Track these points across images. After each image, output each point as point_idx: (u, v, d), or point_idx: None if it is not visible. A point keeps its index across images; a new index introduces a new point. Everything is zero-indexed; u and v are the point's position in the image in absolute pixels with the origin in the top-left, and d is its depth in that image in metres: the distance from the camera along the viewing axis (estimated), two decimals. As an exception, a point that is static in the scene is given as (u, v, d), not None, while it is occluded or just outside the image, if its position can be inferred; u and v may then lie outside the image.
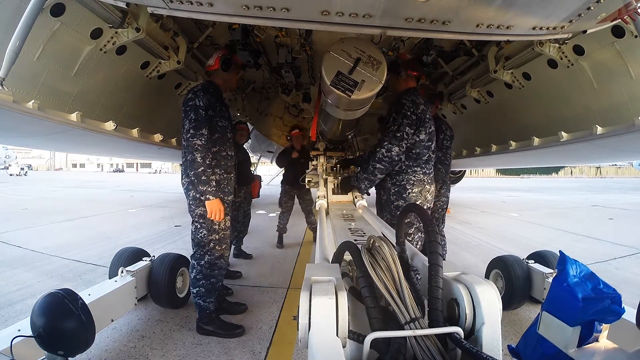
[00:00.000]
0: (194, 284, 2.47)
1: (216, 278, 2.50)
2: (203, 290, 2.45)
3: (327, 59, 1.91)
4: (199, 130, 2.24)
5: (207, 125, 2.29)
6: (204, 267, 2.44)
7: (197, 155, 2.22)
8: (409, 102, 2.35)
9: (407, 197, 2.39)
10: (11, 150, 31.56)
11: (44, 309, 1.58)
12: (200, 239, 2.42)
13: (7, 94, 1.81)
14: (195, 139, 2.22)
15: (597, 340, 0.91)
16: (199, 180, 2.25)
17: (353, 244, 0.91)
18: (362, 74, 1.90)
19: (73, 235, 5.71)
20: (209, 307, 2.47)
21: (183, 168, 2.45)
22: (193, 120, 2.25)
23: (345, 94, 1.89)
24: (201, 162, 2.23)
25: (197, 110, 2.26)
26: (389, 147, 2.29)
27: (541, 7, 1.48)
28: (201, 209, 2.36)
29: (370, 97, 1.99)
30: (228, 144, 2.52)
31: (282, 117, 6.34)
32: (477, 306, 0.75)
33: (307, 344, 0.68)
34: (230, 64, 2.51)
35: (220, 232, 2.45)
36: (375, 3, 1.44)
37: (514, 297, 2.78)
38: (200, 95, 2.31)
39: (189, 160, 2.24)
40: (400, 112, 2.32)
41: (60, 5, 2.01)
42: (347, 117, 2.43)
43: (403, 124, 2.29)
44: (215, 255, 2.46)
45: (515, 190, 18.25)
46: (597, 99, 2.62)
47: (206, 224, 2.40)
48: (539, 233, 6.44)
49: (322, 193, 2.52)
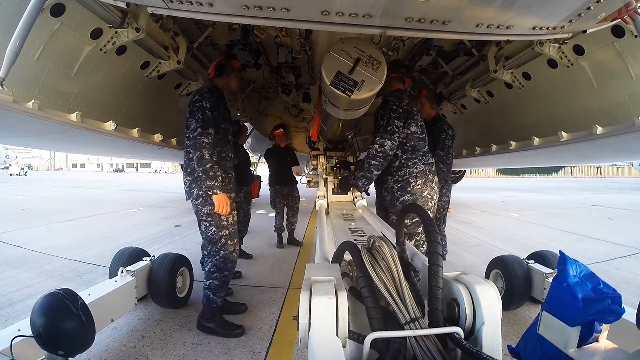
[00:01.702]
0: (208, 276, 2.54)
1: (229, 271, 2.59)
2: (217, 283, 2.53)
3: (327, 59, 1.91)
4: (206, 129, 2.32)
5: (214, 125, 2.38)
6: (219, 262, 2.52)
7: (205, 152, 2.30)
8: (394, 97, 2.40)
9: (412, 190, 2.39)
10: (11, 150, 31.57)
11: (44, 309, 1.58)
12: (211, 237, 2.49)
13: (7, 94, 1.81)
14: (203, 137, 2.31)
15: (597, 340, 0.91)
16: (207, 176, 2.32)
17: (353, 244, 0.91)
18: (362, 74, 1.90)
19: (73, 235, 5.71)
20: (217, 302, 2.54)
21: (185, 167, 2.52)
22: (200, 119, 2.33)
23: (345, 94, 1.89)
24: (209, 159, 2.31)
25: (204, 111, 2.36)
26: (381, 141, 2.31)
27: (541, 7, 1.47)
28: (208, 207, 2.43)
29: (370, 97, 1.99)
30: (228, 146, 2.60)
31: (282, 117, 6.34)
32: (477, 306, 0.75)
33: (307, 344, 0.68)
34: (224, 70, 2.63)
35: (229, 227, 2.54)
36: (375, 3, 1.44)
37: (514, 297, 2.78)
38: (206, 97, 2.41)
39: (196, 157, 2.31)
40: (386, 108, 2.36)
41: (60, 5, 2.01)
42: (347, 117, 2.44)
43: (391, 117, 2.32)
44: (229, 250, 2.54)
45: (515, 190, 18.25)
46: (597, 99, 2.62)
47: (214, 222, 2.46)
48: (539, 233, 6.44)
49: (322, 193, 2.52)
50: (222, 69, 2.62)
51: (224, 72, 2.63)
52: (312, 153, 3.42)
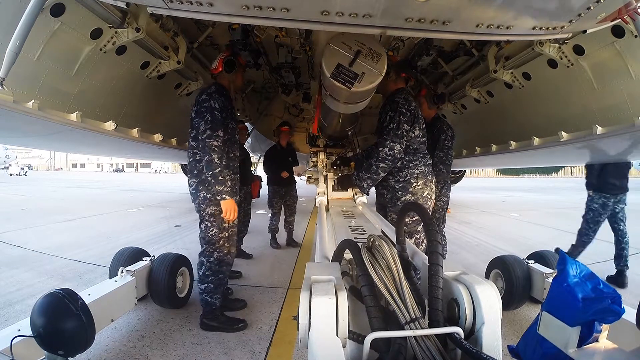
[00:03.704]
0: (202, 280, 2.52)
1: (224, 274, 2.58)
2: (212, 286, 2.51)
3: (328, 51, 1.90)
4: (215, 132, 2.28)
5: (223, 127, 2.34)
6: (213, 264, 2.50)
7: (214, 156, 2.26)
8: (402, 99, 2.39)
9: (413, 190, 2.42)
10: (11, 150, 31.56)
11: (44, 309, 1.58)
12: (211, 237, 2.48)
13: (7, 94, 1.81)
14: (212, 139, 2.27)
15: (597, 340, 0.91)
16: (216, 181, 2.29)
17: (353, 242, 0.91)
18: (363, 66, 1.89)
19: (73, 235, 5.71)
20: (215, 303, 2.53)
21: (190, 168, 2.49)
22: (209, 121, 2.29)
23: (346, 86, 1.88)
24: (218, 163, 2.27)
25: (212, 112, 2.31)
26: (391, 145, 2.31)
27: (541, 7, 1.47)
28: (212, 208, 2.42)
29: (370, 89, 1.98)
30: (235, 146, 2.60)
31: (282, 117, 6.34)
32: (477, 306, 0.75)
33: (307, 344, 0.68)
34: (234, 65, 2.56)
35: (229, 230, 2.53)
36: (375, 3, 1.44)
37: (514, 297, 2.78)
38: (215, 97, 2.37)
39: (205, 160, 2.27)
40: (396, 110, 2.35)
41: (60, 5, 2.00)
42: (348, 110, 2.43)
43: (401, 121, 2.33)
44: (224, 252, 2.53)
45: (515, 190, 18.24)
46: (597, 99, 2.62)
47: (217, 223, 2.46)
48: (539, 233, 6.44)
49: (322, 189, 2.52)
50: (232, 64, 2.55)
51: (234, 68, 2.57)
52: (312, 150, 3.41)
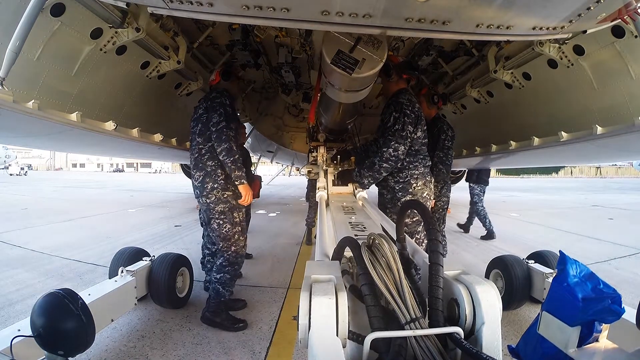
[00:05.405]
0: (219, 270, 2.61)
1: (239, 265, 2.73)
2: (228, 276, 2.61)
3: (328, 38, 1.89)
4: (229, 124, 2.44)
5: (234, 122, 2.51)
6: (231, 256, 2.62)
7: (232, 144, 2.42)
8: (406, 100, 2.40)
9: (413, 191, 2.45)
10: (11, 150, 31.54)
11: (44, 309, 1.58)
12: (225, 234, 2.59)
13: (7, 94, 1.81)
14: (228, 129, 2.42)
15: (597, 340, 0.91)
16: (236, 166, 2.43)
17: (354, 240, 0.90)
18: (363, 52, 1.88)
19: (73, 235, 5.71)
20: (225, 295, 2.61)
21: (195, 163, 2.59)
22: (223, 114, 2.44)
23: (346, 72, 1.87)
24: (236, 150, 2.43)
25: (225, 107, 2.48)
26: (396, 146, 2.32)
27: (541, 7, 1.47)
28: (221, 206, 2.55)
29: (371, 75, 1.97)
30: (238, 144, 2.70)
31: (282, 117, 6.34)
32: (477, 306, 0.75)
33: (307, 344, 0.67)
34: (230, 74, 2.75)
35: (240, 224, 2.67)
36: (375, 3, 1.44)
37: (514, 297, 2.78)
38: (225, 94, 2.54)
39: (225, 148, 2.39)
40: (401, 111, 2.35)
41: (60, 5, 2.01)
42: (348, 99, 2.41)
43: (405, 122, 2.34)
44: (240, 245, 2.67)
45: (515, 190, 18.23)
46: (597, 99, 2.62)
47: (228, 219, 2.58)
48: (539, 233, 6.44)
49: (322, 184, 2.51)
50: (228, 74, 2.74)
51: (230, 78, 2.74)
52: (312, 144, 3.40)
